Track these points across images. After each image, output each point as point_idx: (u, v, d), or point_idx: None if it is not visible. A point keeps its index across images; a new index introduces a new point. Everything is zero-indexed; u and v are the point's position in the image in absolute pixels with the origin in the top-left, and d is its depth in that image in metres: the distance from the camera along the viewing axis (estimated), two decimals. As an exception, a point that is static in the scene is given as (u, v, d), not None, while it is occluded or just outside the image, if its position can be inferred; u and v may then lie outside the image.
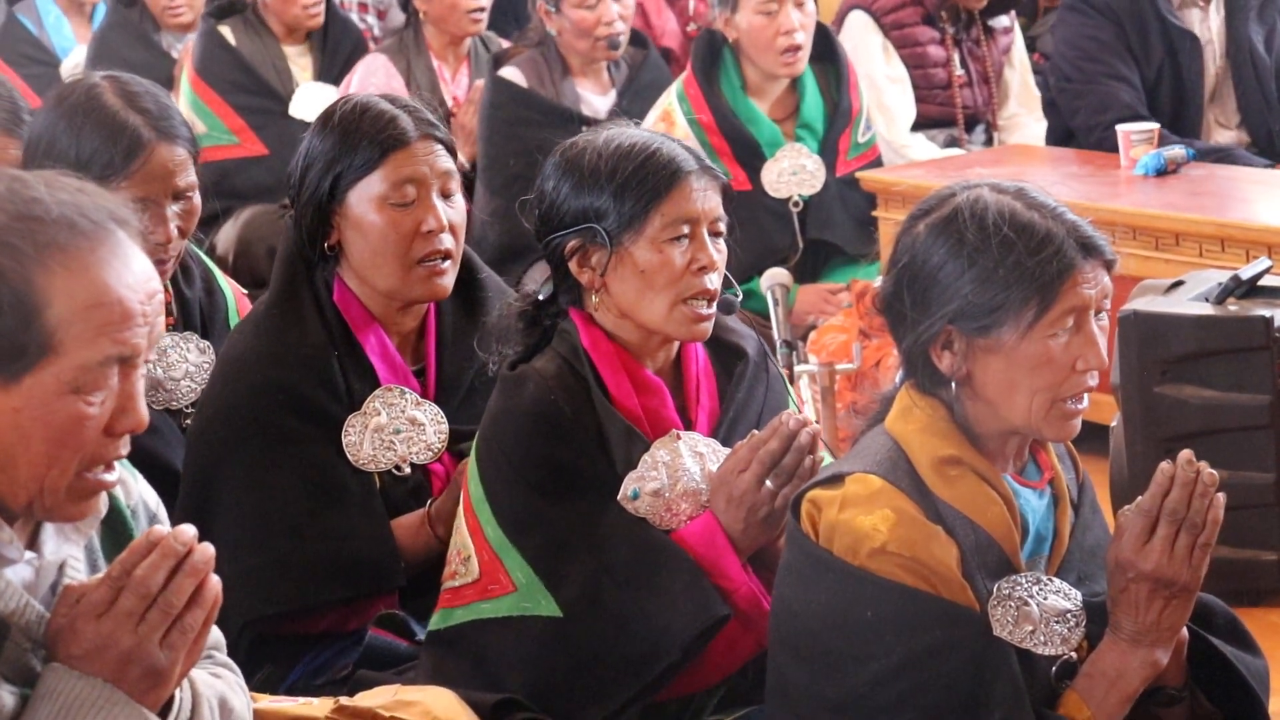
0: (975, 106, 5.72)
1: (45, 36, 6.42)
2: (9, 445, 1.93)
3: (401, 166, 2.98)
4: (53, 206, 1.94)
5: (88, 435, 1.95)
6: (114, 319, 1.94)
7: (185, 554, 1.95)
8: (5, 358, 1.90)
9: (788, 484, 2.68)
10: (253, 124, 5.56)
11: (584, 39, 5.18)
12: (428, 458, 3.04)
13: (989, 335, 2.44)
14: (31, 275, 1.90)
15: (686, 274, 2.74)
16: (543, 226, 2.81)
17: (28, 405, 1.92)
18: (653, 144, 2.77)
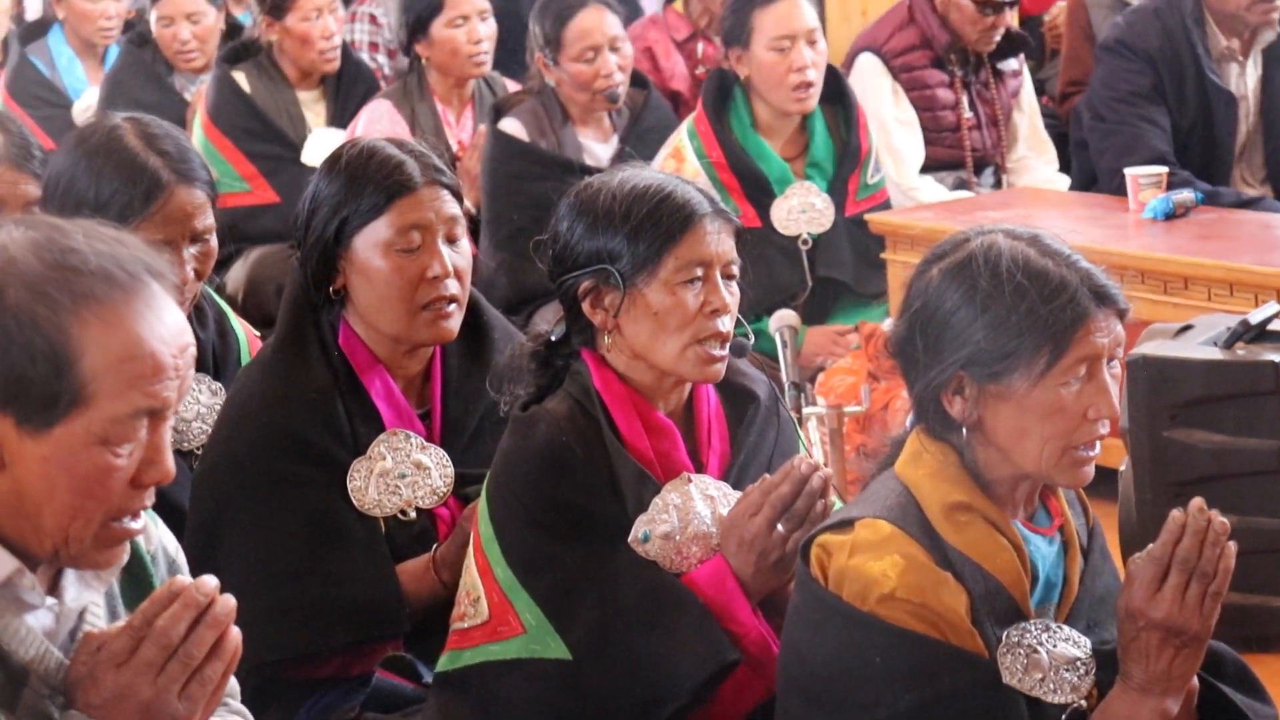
0: (984, 149, 5.73)
1: (57, 78, 6.44)
2: (36, 494, 1.94)
3: (407, 212, 2.98)
4: (90, 257, 1.94)
5: (114, 486, 1.96)
6: (146, 372, 1.94)
7: (207, 605, 1.95)
8: (37, 407, 1.91)
9: (799, 528, 2.68)
10: (264, 171, 5.56)
11: (583, 91, 5.19)
12: (433, 502, 3.04)
13: (1001, 382, 2.44)
14: (67, 325, 1.91)
15: (699, 316, 2.74)
16: (556, 267, 2.82)
17: (56, 454, 1.93)
18: (667, 186, 2.78)
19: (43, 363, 1.90)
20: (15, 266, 1.92)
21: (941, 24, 5.59)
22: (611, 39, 5.18)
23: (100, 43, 6.47)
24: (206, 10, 6.10)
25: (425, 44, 5.48)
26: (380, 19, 6.72)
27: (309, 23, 5.63)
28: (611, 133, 5.29)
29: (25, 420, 1.91)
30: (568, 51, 5.15)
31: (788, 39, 4.84)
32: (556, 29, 5.17)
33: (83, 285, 1.93)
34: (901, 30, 5.64)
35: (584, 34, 5.15)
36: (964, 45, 5.64)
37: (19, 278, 1.91)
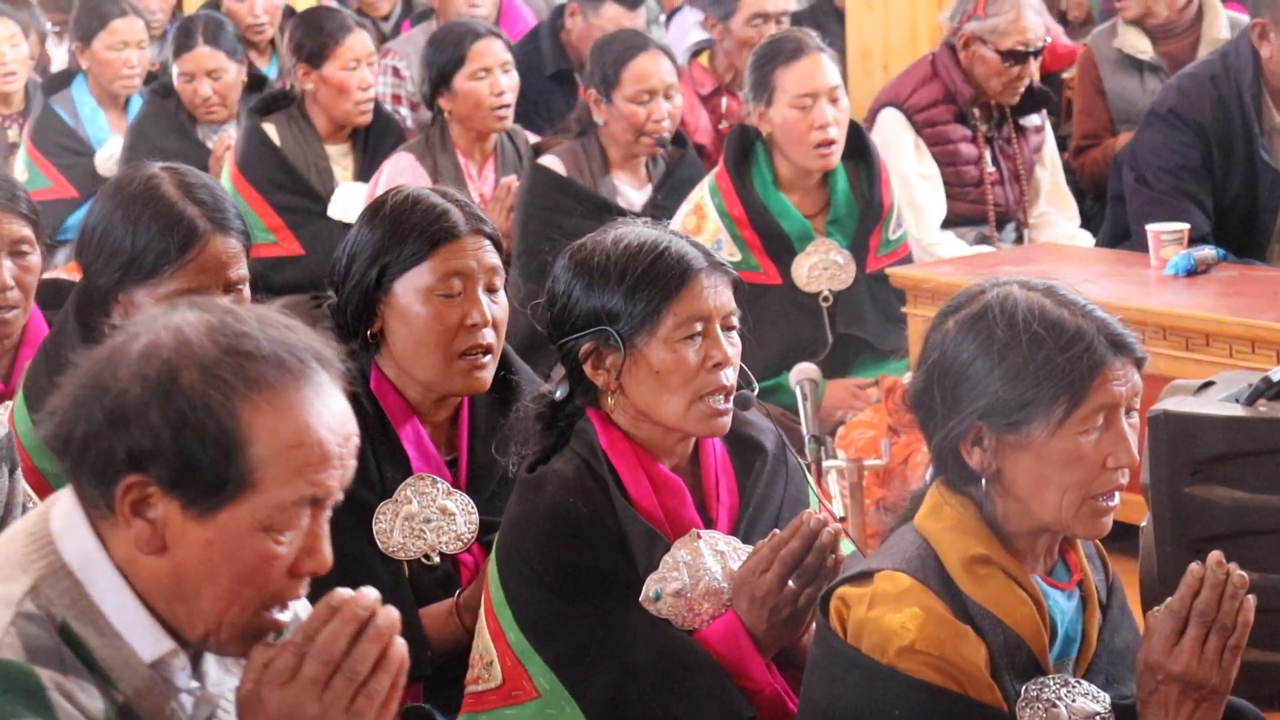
0: (1006, 205, 5.73)
1: (81, 127, 6.48)
2: (195, 578, 1.94)
3: (450, 259, 3.00)
4: (263, 343, 1.95)
5: (274, 574, 1.96)
6: (313, 460, 1.94)
7: (368, 618, 1.95)
8: (205, 491, 1.91)
9: (810, 584, 2.68)
10: (291, 223, 5.57)
11: (631, 133, 5.21)
12: (457, 548, 3.05)
13: (1019, 432, 2.44)
14: (239, 410, 1.91)
15: (702, 371, 2.74)
16: (555, 329, 2.82)
17: (220, 540, 1.93)
18: (661, 243, 2.77)
19: (213, 447, 1.90)
20: (190, 349, 1.92)
21: (965, 78, 5.60)
22: (667, 86, 5.23)
23: (122, 93, 6.51)
24: (227, 66, 6.12)
25: (448, 97, 5.50)
26: (403, 72, 6.75)
27: (347, 72, 5.64)
28: (647, 181, 5.32)
29: (191, 504, 1.91)
30: (623, 91, 5.19)
31: (810, 97, 4.84)
32: (616, 68, 5.21)
33: (255, 370, 1.93)
34: (924, 85, 5.65)
35: (642, 76, 5.19)
36: (988, 99, 5.64)
37: (194, 360, 1.91)
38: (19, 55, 6.87)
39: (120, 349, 1.94)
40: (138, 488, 1.91)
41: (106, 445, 1.90)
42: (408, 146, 5.62)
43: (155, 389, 1.90)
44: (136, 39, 6.48)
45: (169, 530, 1.92)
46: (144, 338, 1.94)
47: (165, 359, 1.91)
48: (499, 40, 5.60)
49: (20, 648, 1.89)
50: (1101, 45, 6.26)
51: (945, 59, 5.63)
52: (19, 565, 1.95)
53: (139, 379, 1.90)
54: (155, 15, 7.90)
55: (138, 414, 1.89)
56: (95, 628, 1.93)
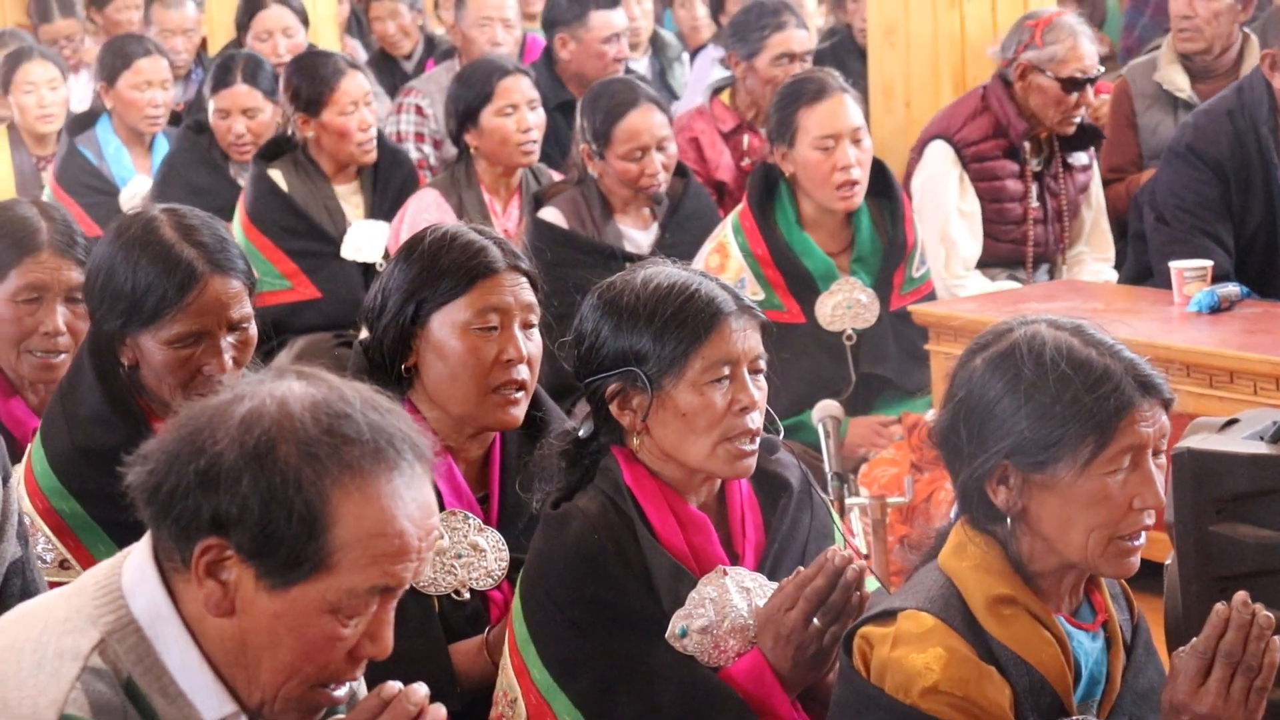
0: (1046, 245, 5.68)
1: (105, 167, 6.50)
2: (258, 647, 1.96)
3: (488, 295, 3.01)
4: (364, 428, 1.97)
5: (335, 655, 1.98)
6: (392, 551, 1.96)
7: (417, 715, 1.98)
8: (282, 565, 1.93)
9: (835, 622, 2.67)
10: (305, 268, 5.57)
11: (626, 188, 5.21)
12: (488, 584, 3.05)
13: (1045, 471, 2.44)
14: (328, 492, 1.94)
15: (728, 415, 2.74)
16: (582, 368, 2.82)
17: (288, 614, 1.95)
18: (691, 284, 2.78)
19: (297, 524, 1.93)
20: (290, 423, 1.95)
21: (1019, 111, 5.55)
22: (659, 140, 5.19)
23: (147, 131, 6.54)
24: (263, 106, 6.15)
25: (474, 133, 5.51)
26: (426, 110, 6.77)
27: (346, 116, 5.64)
28: (651, 221, 5.30)
29: (266, 575, 1.94)
30: (615, 149, 5.17)
31: (833, 138, 4.84)
32: (606, 125, 5.18)
33: (351, 455, 1.95)
34: (975, 119, 5.60)
35: (633, 134, 5.17)
36: (1041, 132, 5.60)
37: (293, 435, 1.94)
38: (57, 98, 6.92)
39: (222, 411, 1.96)
40: (216, 549, 1.93)
41: (194, 503, 1.93)
42: (433, 183, 5.63)
43: (250, 457, 1.92)
44: (160, 78, 6.51)
45: (239, 595, 1.95)
46: (247, 403, 1.96)
47: (265, 429, 1.94)
48: (526, 77, 5.62)
49: (86, 704, 1.91)
50: (1139, 79, 6.23)
51: (998, 91, 5.58)
52: (88, 618, 1.97)
53: (236, 444, 1.93)
54: (180, 55, 7.94)
55: (229, 479, 1.92)
56: (160, 686, 1.95)
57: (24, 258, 3.46)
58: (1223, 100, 5.45)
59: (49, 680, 1.92)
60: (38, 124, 6.89)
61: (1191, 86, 6.15)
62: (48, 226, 3.48)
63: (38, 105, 6.86)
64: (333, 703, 2.02)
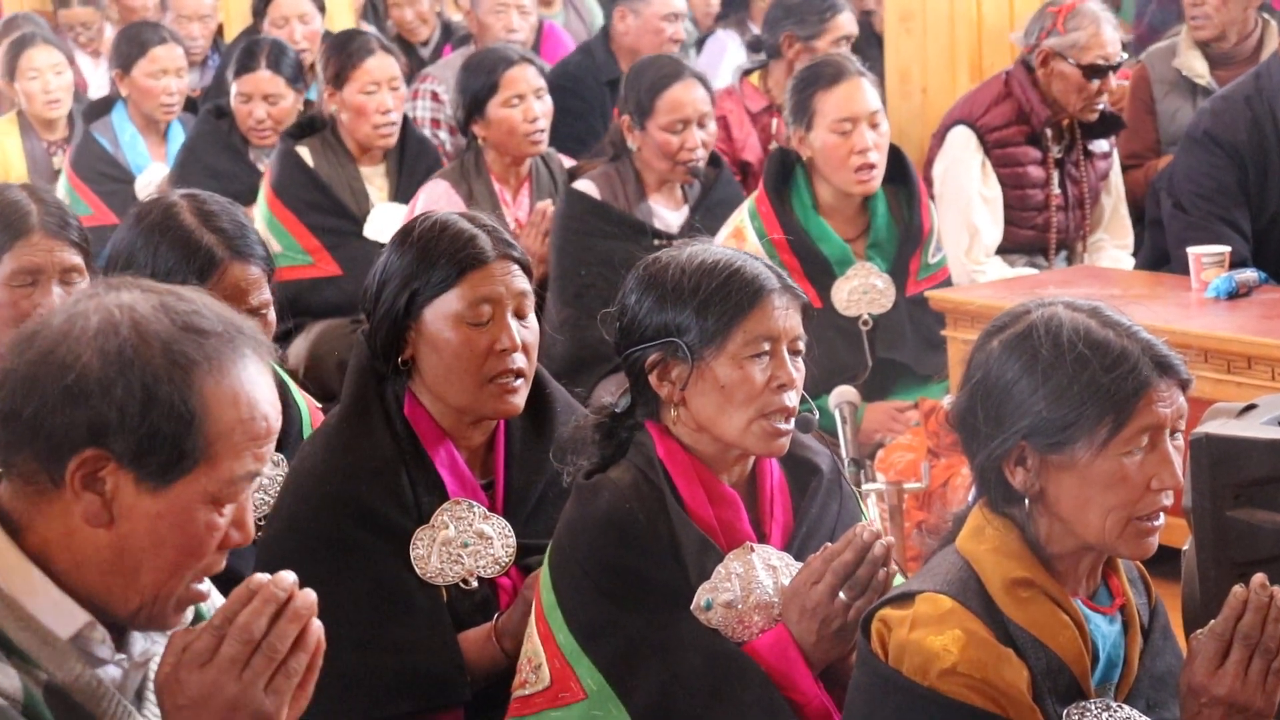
0: (1067, 231, 5.67)
1: (121, 154, 6.51)
2: (138, 550, 1.98)
3: (478, 286, 3.00)
4: (215, 320, 2.00)
5: (211, 546, 2.01)
6: (259, 434, 2.00)
7: (286, 599, 1.98)
8: (164, 465, 1.95)
9: (861, 596, 2.68)
10: (327, 244, 5.59)
11: (665, 161, 5.21)
12: (495, 571, 3.04)
13: (1062, 452, 2.43)
14: (198, 385, 1.96)
15: (766, 391, 2.75)
16: (623, 339, 2.84)
17: (170, 512, 1.97)
18: (736, 261, 2.80)
19: (176, 421, 1.95)
20: (149, 326, 1.97)
21: (1042, 97, 5.54)
22: (701, 115, 5.20)
23: (162, 119, 6.55)
24: (285, 93, 6.15)
25: (482, 124, 5.51)
26: (442, 95, 6.77)
27: (365, 96, 5.66)
28: (683, 202, 5.31)
29: (147, 476, 1.96)
30: (657, 120, 5.17)
31: (850, 121, 4.83)
32: (650, 96, 5.19)
33: (210, 346, 1.98)
34: (998, 104, 5.58)
35: (676, 106, 5.17)
36: (1064, 118, 5.59)
37: (155, 335, 1.96)
38: (63, 83, 6.92)
39: (69, 329, 1.97)
40: (93, 461, 1.95)
41: (64, 419, 1.94)
42: (442, 173, 5.63)
43: (119, 364, 1.94)
44: (176, 66, 6.52)
45: (117, 503, 1.96)
46: (94, 317, 1.97)
47: (125, 336, 1.95)
48: (532, 66, 5.60)
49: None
50: (1158, 65, 6.22)
51: (1021, 77, 5.56)
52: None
53: (100, 354, 1.94)
54: (196, 42, 7.95)
55: (101, 389, 1.93)
56: (9, 613, 1.96)
57: (16, 241, 3.45)
58: (1240, 86, 5.44)
59: None
60: (44, 110, 6.90)
61: (1211, 73, 6.13)
62: (38, 209, 3.47)
63: (43, 91, 6.87)
64: (202, 597, 2.05)
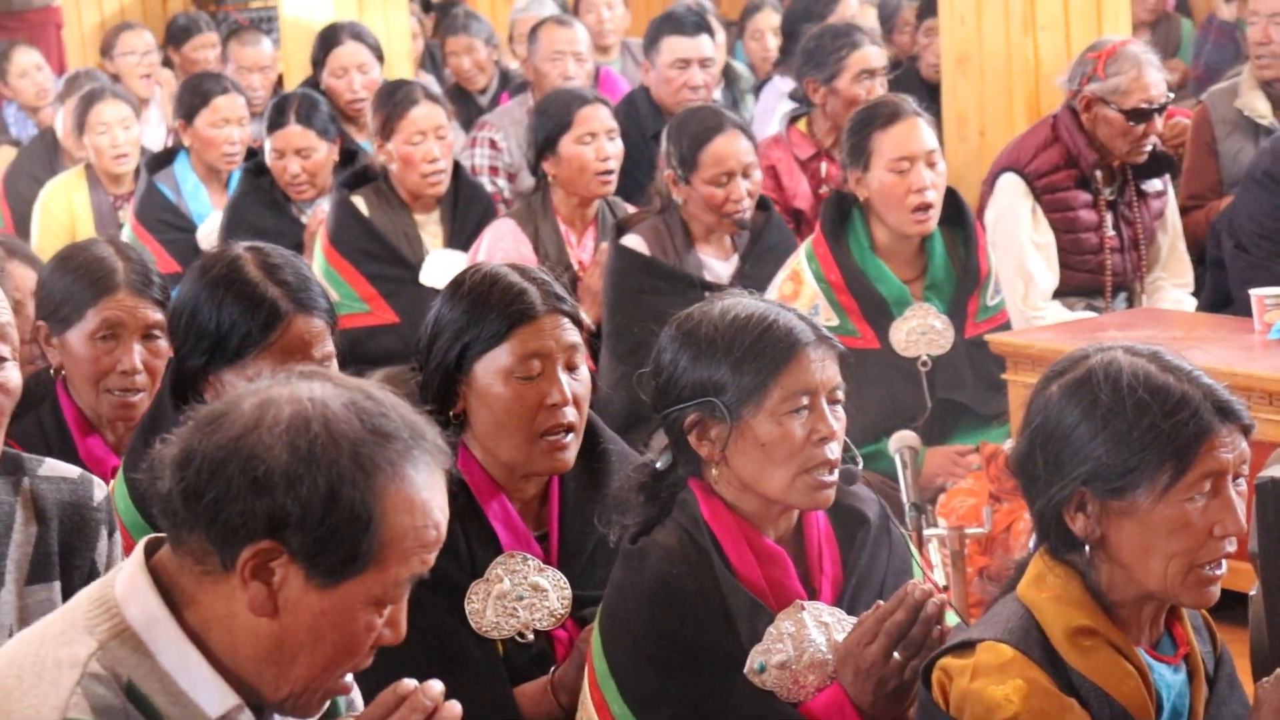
0: (1124, 273, 5.63)
1: (183, 204, 6.55)
2: (297, 645, 2.00)
3: (528, 341, 3.00)
4: (399, 425, 2.02)
5: (367, 645, 2.03)
6: (428, 541, 2.03)
7: (432, 711, 2.02)
8: (337, 563, 1.98)
9: (916, 655, 2.65)
10: (384, 292, 5.61)
11: (711, 213, 5.20)
12: (551, 624, 3.03)
13: (1123, 498, 2.41)
14: (380, 488, 1.98)
15: (808, 445, 2.73)
16: (660, 398, 2.82)
17: (334, 610, 1.99)
18: (769, 315, 2.78)
19: (353, 523, 1.97)
20: (339, 425, 1.99)
21: (1089, 141, 5.51)
22: (745, 165, 5.18)
23: (224, 169, 6.59)
24: (317, 145, 6.17)
25: (553, 161, 5.53)
26: (500, 144, 6.80)
27: (411, 146, 5.68)
28: (732, 251, 5.29)
29: (317, 574, 1.98)
30: (701, 173, 5.16)
31: (907, 160, 4.82)
32: (693, 150, 5.18)
33: (393, 451, 2.00)
34: (1045, 149, 5.56)
35: (719, 159, 5.16)
36: (1112, 161, 5.56)
37: (343, 435, 1.98)
38: (130, 137, 6.98)
39: (263, 416, 1.99)
40: (266, 552, 1.96)
41: (246, 507, 1.96)
42: (510, 213, 5.65)
43: (308, 461, 1.96)
44: (238, 116, 6.57)
45: (283, 595, 1.98)
46: (287, 407, 1.99)
47: (316, 433, 1.97)
48: (605, 107, 5.63)
49: (87, 707, 1.94)
50: (1219, 105, 6.18)
51: (1067, 122, 5.53)
52: (84, 629, 2.01)
53: (289, 449, 1.96)
54: (257, 92, 8.01)
55: (287, 483, 1.95)
56: (161, 687, 1.98)
57: (101, 297, 3.49)
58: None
59: (49, 689, 1.96)
60: (112, 164, 6.96)
61: (1273, 113, 6.09)
62: (124, 266, 3.52)
63: (111, 145, 6.93)
64: (346, 690, 2.08)
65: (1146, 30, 8.44)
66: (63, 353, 3.52)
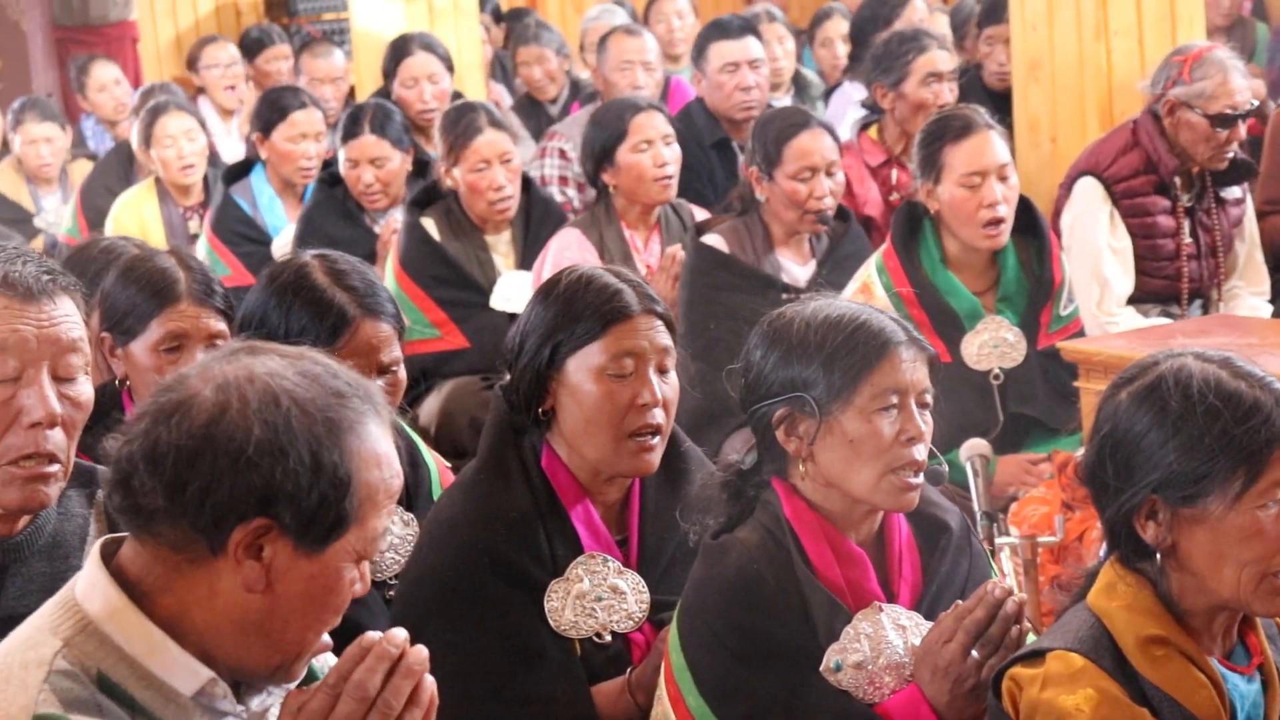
0: (1201, 280, 5.59)
1: (259, 216, 6.60)
2: (289, 611, 2.03)
3: (622, 339, 3.01)
4: (347, 383, 2.06)
5: (348, 599, 2.07)
6: (392, 490, 2.06)
7: (399, 656, 2.02)
8: (323, 530, 2.01)
9: (994, 654, 2.65)
10: (454, 317, 5.61)
11: (793, 210, 5.20)
12: (628, 626, 3.05)
13: (1194, 505, 2.40)
14: (348, 449, 2.02)
15: (895, 444, 2.74)
16: (749, 395, 2.83)
17: (323, 573, 2.02)
18: (861, 315, 2.79)
19: (335, 486, 2.00)
20: (302, 394, 2.02)
21: (1170, 147, 5.46)
22: (829, 163, 5.19)
23: (300, 182, 6.63)
24: (391, 155, 6.20)
25: (611, 171, 5.54)
26: (570, 153, 6.81)
27: (476, 174, 5.67)
28: (810, 257, 5.29)
29: (304, 542, 2.00)
30: (784, 169, 5.16)
31: (979, 175, 4.79)
32: (777, 146, 5.19)
33: (352, 409, 2.04)
34: (1125, 154, 5.51)
35: (804, 154, 5.17)
36: (1192, 167, 5.52)
37: (309, 403, 2.02)
38: (196, 149, 7.04)
39: (227, 399, 2.00)
40: (256, 530, 1.99)
41: (233, 490, 1.98)
42: (574, 222, 5.65)
43: (287, 435, 1.99)
44: (315, 131, 6.61)
45: (274, 568, 2.00)
46: (251, 386, 2.01)
47: (287, 406, 2.00)
48: (660, 114, 5.63)
49: (56, 702, 1.97)
50: None
51: (1148, 126, 5.48)
52: (48, 630, 2.04)
53: (266, 425, 1.99)
54: (329, 103, 8.06)
55: (272, 458, 1.98)
56: (131, 673, 2.01)
57: (164, 308, 3.52)
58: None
59: (17, 690, 1.98)
60: (179, 176, 7.02)
61: (1355, 115, 6.04)
62: (185, 276, 3.54)
63: (178, 157, 6.99)
64: (327, 648, 2.10)
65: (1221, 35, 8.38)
66: (127, 364, 3.55)
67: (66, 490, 2.64)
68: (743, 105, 6.62)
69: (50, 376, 2.54)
